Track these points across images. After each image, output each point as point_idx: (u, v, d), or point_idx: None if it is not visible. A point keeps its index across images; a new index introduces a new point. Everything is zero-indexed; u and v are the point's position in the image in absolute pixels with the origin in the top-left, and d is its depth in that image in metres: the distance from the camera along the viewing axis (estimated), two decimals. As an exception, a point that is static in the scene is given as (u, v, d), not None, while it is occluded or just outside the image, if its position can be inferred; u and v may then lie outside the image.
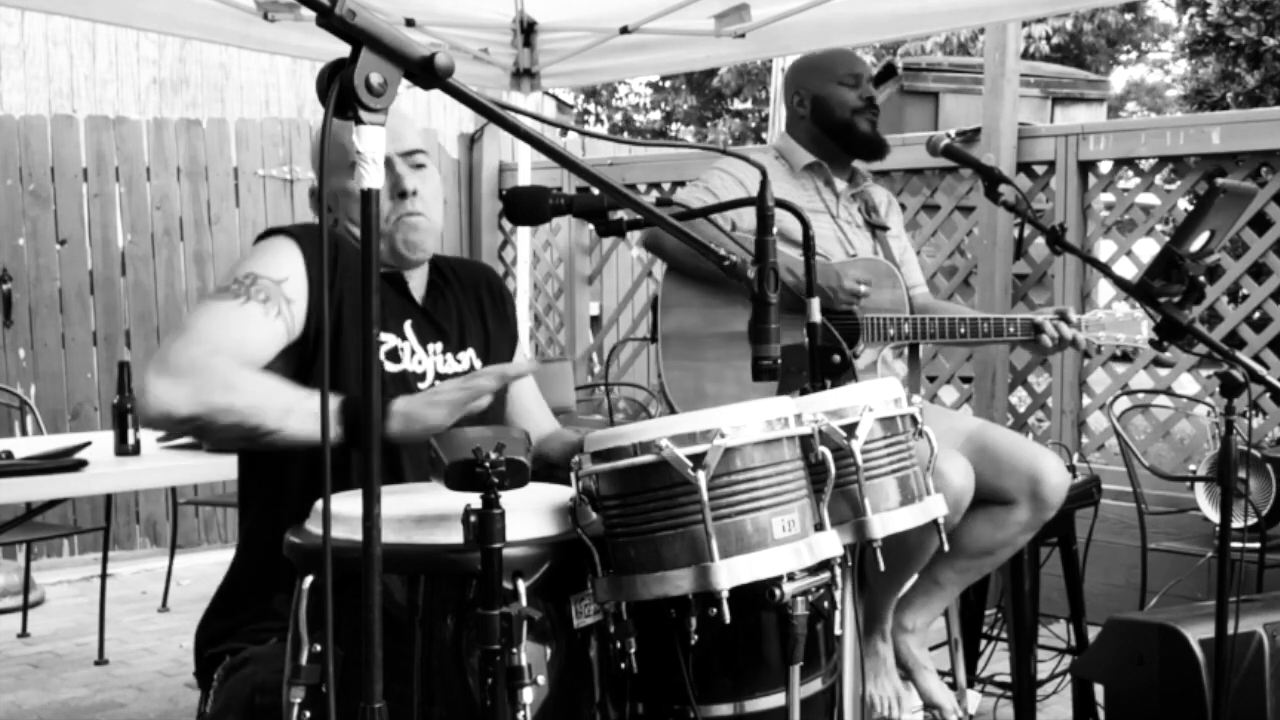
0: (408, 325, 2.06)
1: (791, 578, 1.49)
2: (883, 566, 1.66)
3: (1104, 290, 4.79)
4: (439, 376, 2.06)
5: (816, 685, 1.65)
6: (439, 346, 2.09)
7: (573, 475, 1.52)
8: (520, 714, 1.36)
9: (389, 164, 2.00)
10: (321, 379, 1.91)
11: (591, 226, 1.91)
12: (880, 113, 3.08)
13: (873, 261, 3.01)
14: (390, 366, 2.02)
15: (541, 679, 1.42)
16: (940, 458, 2.62)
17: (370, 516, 1.22)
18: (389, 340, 2.02)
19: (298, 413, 1.79)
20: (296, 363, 1.95)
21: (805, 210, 2.92)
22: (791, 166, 3.10)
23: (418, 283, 2.13)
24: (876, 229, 3.13)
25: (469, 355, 2.14)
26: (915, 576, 2.94)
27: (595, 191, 1.76)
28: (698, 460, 1.44)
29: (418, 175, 2.05)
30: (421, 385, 2.03)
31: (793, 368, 1.90)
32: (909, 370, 3.05)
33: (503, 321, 2.25)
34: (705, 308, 2.89)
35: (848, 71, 3.05)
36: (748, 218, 2.46)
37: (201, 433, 1.88)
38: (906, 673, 2.98)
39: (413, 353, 2.04)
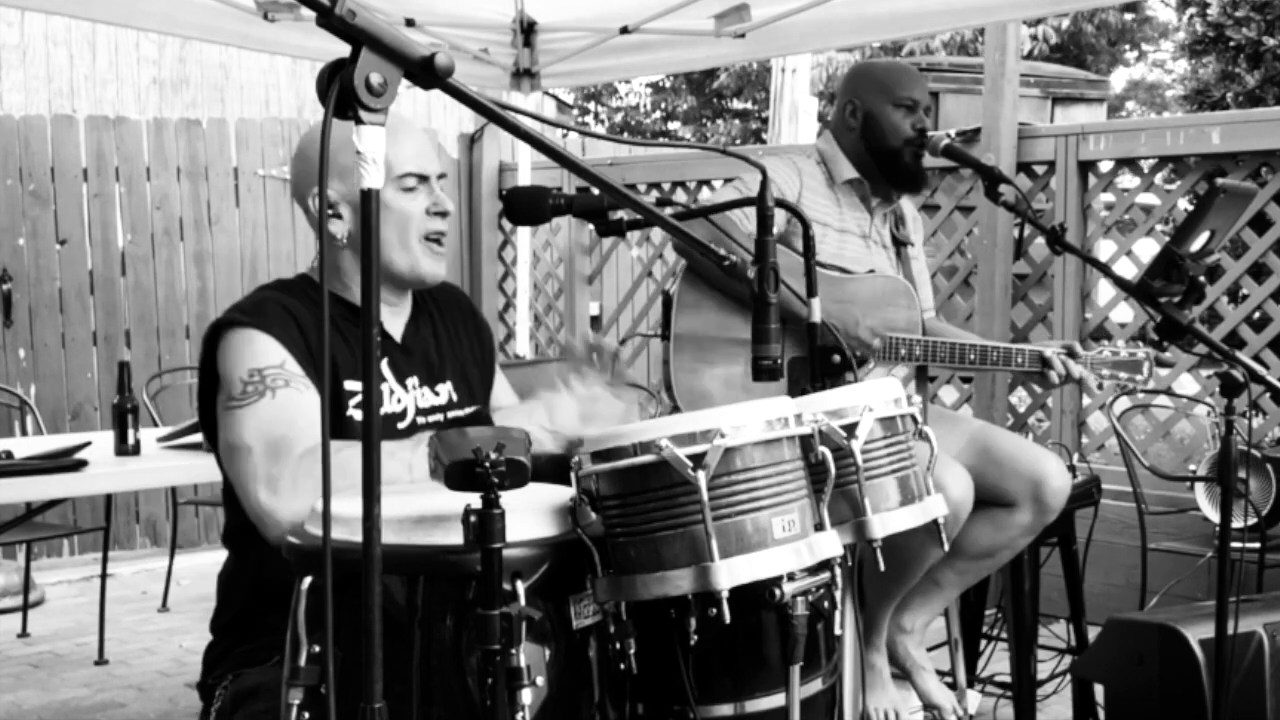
0: (385, 365, 2.03)
1: (791, 578, 1.49)
2: (883, 567, 1.66)
3: (1104, 290, 4.78)
4: (419, 412, 2.05)
5: (817, 685, 1.65)
6: (416, 380, 2.07)
7: (573, 475, 1.52)
8: (519, 715, 1.36)
9: (427, 183, 2.00)
10: (322, 375, 1.89)
11: (591, 226, 1.91)
12: (927, 142, 2.94)
13: (891, 280, 2.95)
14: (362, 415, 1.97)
15: (540, 680, 1.42)
16: (939, 468, 2.61)
17: (370, 517, 1.22)
18: (361, 388, 1.96)
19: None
20: None
21: (833, 227, 2.93)
22: (832, 176, 2.99)
23: (398, 313, 2.10)
24: (901, 245, 3.08)
25: (447, 388, 2.12)
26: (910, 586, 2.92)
27: (595, 191, 1.76)
28: (698, 460, 1.44)
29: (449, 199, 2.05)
30: (401, 425, 2.01)
31: (801, 378, 1.91)
32: (917, 391, 3.00)
33: (483, 354, 2.24)
34: (719, 312, 2.84)
35: (906, 94, 2.93)
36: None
37: None
38: (904, 673, 2.98)
39: (390, 392, 2.02)
